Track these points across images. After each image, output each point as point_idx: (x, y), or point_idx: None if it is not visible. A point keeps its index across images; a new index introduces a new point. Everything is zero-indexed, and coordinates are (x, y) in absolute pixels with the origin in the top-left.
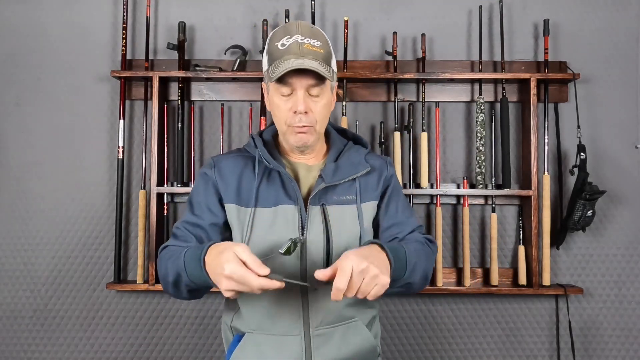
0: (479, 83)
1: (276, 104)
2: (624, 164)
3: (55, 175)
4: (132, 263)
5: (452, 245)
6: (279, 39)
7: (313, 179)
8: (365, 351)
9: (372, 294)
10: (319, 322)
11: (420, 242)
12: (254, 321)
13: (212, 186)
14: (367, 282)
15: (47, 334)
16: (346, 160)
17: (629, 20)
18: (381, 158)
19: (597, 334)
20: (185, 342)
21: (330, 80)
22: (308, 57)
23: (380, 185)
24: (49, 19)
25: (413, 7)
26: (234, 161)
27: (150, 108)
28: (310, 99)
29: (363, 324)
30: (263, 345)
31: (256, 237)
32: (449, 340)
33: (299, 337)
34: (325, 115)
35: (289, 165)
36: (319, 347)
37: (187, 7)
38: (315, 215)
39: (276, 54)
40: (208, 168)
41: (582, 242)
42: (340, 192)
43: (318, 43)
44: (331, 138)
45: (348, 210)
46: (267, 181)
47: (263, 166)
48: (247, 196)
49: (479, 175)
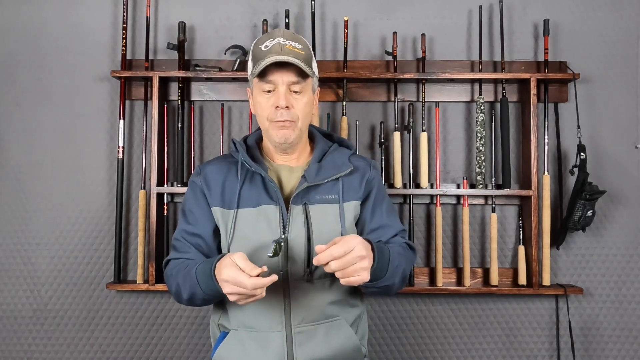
0: (479, 83)
1: (259, 102)
2: (624, 164)
3: (55, 175)
4: (132, 263)
5: (452, 245)
6: (262, 42)
7: (296, 179)
8: (349, 350)
9: (347, 280)
10: (300, 320)
11: (403, 247)
12: (238, 319)
13: (200, 193)
14: (355, 269)
15: (47, 334)
16: (330, 161)
17: (629, 20)
18: (364, 160)
19: (597, 334)
20: (185, 342)
21: (311, 77)
22: (290, 55)
23: (362, 185)
24: (49, 19)
25: (413, 7)
26: (218, 166)
27: (150, 108)
28: (291, 95)
29: (347, 323)
30: (246, 342)
31: (239, 237)
32: (449, 340)
33: (281, 334)
34: (307, 113)
35: (271, 167)
36: (301, 344)
37: (187, 7)
38: (297, 215)
39: (259, 55)
40: (195, 176)
41: (582, 242)
42: (323, 192)
43: (299, 46)
44: (316, 140)
45: (330, 210)
46: (249, 183)
47: (245, 169)
48: (230, 199)
49: (479, 175)
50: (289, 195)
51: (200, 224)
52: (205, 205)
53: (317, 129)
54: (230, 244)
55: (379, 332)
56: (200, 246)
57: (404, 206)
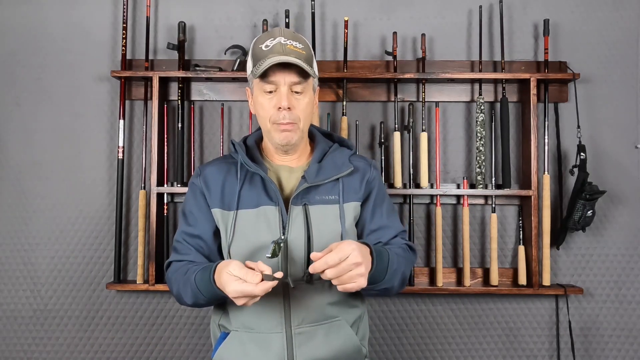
0: (479, 83)
1: (260, 103)
2: (624, 164)
3: (55, 175)
4: (132, 263)
5: (452, 245)
6: (262, 41)
7: (296, 180)
8: (349, 351)
9: (344, 287)
10: (300, 321)
11: (403, 249)
12: (239, 320)
13: (200, 194)
14: (351, 276)
15: (47, 334)
16: (330, 161)
17: (629, 20)
18: (365, 160)
19: (597, 334)
20: (185, 342)
21: (313, 77)
22: (291, 55)
23: (363, 186)
24: (49, 19)
25: (413, 7)
26: (218, 168)
27: (150, 108)
28: (293, 96)
29: (347, 323)
30: (247, 343)
31: (239, 238)
32: (449, 340)
33: (281, 335)
34: (309, 114)
35: (271, 168)
36: (301, 345)
37: (187, 7)
38: (297, 215)
39: (260, 55)
40: (195, 177)
41: (582, 242)
42: (323, 192)
43: (300, 45)
44: (316, 140)
45: (330, 210)
46: (249, 184)
47: (245, 170)
48: (230, 200)
49: (479, 175)
50: (289, 195)
51: (201, 226)
52: (205, 207)
53: (318, 129)
54: (230, 245)
55: (379, 332)
56: (201, 247)
57: (404, 206)
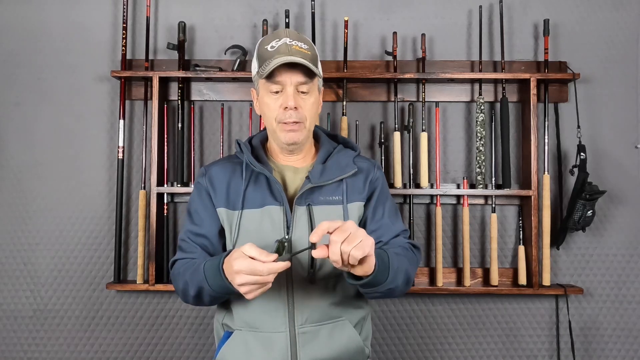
0: (479, 83)
1: (266, 103)
2: (624, 164)
3: (55, 175)
4: (132, 263)
5: (452, 245)
6: (268, 42)
7: (300, 180)
8: (353, 351)
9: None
10: (304, 320)
11: (404, 248)
12: (242, 319)
13: (205, 194)
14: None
15: (47, 334)
16: (334, 162)
17: (629, 20)
18: (369, 161)
19: (597, 334)
20: (185, 342)
21: (318, 77)
22: (297, 56)
23: (366, 187)
24: (49, 19)
25: (413, 7)
26: (223, 167)
27: (150, 108)
28: (299, 96)
29: (351, 324)
30: (250, 342)
31: (243, 238)
32: (449, 340)
33: (285, 334)
34: (314, 113)
35: (276, 168)
36: (305, 344)
37: (187, 7)
38: (301, 216)
39: (266, 55)
40: (200, 177)
41: (582, 242)
42: (327, 193)
43: (305, 46)
44: (321, 141)
45: (334, 211)
46: (254, 184)
47: (250, 170)
48: (235, 199)
49: (479, 175)
50: (294, 195)
51: (206, 225)
52: (210, 206)
53: (322, 130)
54: (235, 244)
55: (379, 332)
56: (206, 246)
57: (404, 206)
